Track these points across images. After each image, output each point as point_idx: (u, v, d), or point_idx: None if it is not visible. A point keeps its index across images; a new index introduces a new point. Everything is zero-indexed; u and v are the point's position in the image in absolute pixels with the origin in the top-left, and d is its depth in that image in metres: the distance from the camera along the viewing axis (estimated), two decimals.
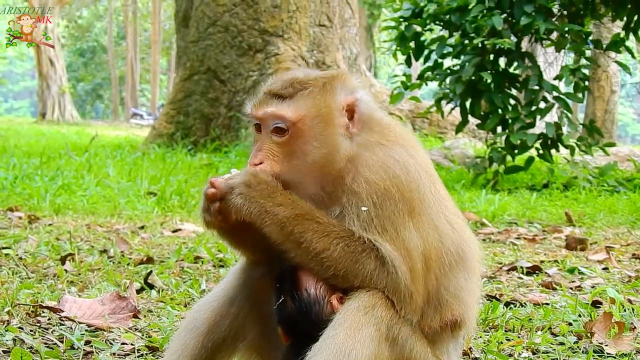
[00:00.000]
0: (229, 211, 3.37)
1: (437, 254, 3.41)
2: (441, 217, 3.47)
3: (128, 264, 7.21)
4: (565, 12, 15.44)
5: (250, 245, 3.65)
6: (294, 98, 3.50)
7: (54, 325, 4.96)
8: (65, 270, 6.70)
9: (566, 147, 15.40)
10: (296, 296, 3.40)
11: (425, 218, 3.41)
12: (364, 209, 3.34)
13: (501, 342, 4.89)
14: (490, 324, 5.37)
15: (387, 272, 3.28)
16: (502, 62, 15.69)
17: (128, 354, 4.57)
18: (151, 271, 6.52)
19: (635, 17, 15.13)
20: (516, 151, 15.26)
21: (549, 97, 15.38)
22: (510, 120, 15.26)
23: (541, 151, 15.46)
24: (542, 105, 15.37)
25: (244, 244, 3.68)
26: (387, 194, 3.35)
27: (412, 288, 3.30)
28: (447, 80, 15.73)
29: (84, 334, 4.74)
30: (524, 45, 15.80)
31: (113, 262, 7.27)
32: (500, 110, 15.20)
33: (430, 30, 16.40)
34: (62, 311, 5.12)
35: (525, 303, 5.95)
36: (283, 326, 3.47)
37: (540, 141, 15.30)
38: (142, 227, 9.67)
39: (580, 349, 4.76)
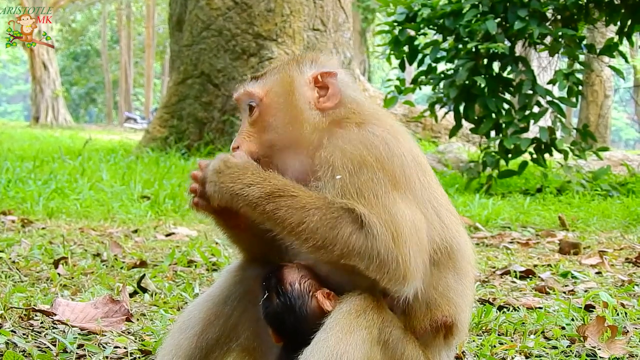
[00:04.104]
0: (208, 198, 3.40)
1: (427, 234, 3.34)
2: (428, 206, 3.41)
3: (121, 268, 7.21)
4: (559, 17, 15.46)
5: (245, 241, 3.69)
6: (263, 77, 3.64)
7: (46, 329, 4.94)
8: (58, 273, 6.69)
9: (560, 151, 15.42)
10: (281, 291, 3.41)
11: (412, 198, 3.35)
12: (338, 177, 3.31)
13: (494, 346, 4.89)
14: (484, 328, 5.36)
15: (365, 234, 3.19)
16: (495, 66, 15.71)
17: (121, 358, 4.56)
18: (144, 275, 6.51)
19: (629, 22, 15.16)
20: (510, 155, 15.28)
21: (543, 102, 15.40)
22: (503, 125, 15.28)
23: (535, 155, 15.48)
24: (535, 109, 15.40)
25: (239, 240, 3.72)
26: (364, 163, 3.32)
27: (395, 252, 3.19)
28: (441, 84, 15.74)
29: (76, 338, 4.73)
30: (518, 49, 15.83)
31: (106, 266, 7.26)
32: (493, 115, 15.22)
33: (424, 34, 16.42)
34: (55, 314, 5.11)
35: (518, 307, 5.95)
36: (269, 322, 3.48)
37: (533, 145, 15.32)
38: (135, 231, 9.65)
39: (573, 353, 4.76)
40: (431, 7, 15.48)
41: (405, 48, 16.01)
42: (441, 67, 16.38)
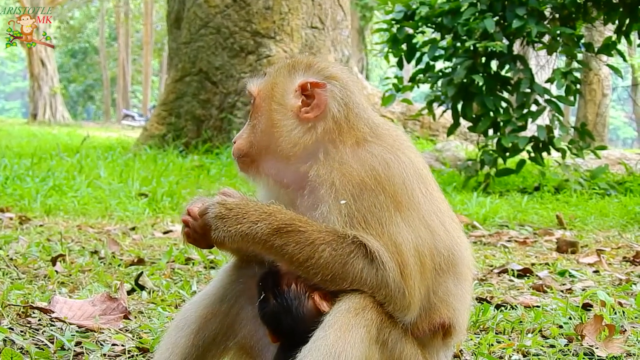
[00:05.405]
0: (216, 244, 3.37)
1: (430, 252, 3.35)
2: (433, 217, 3.41)
3: (119, 265, 7.21)
4: (557, 15, 15.45)
5: (239, 250, 3.66)
6: (264, 75, 3.64)
7: (44, 326, 4.94)
8: (56, 271, 6.69)
9: (557, 150, 15.41)
10: (277, 292, 3.41)
11: (416, 214, 3.35)
12: (342, 202, 3.30)
13: (492, 345, 4.89)
14: (481, 327, 5.36)
15: (376, 269, 3.22)
16: (494, 64, 15.70)
17: (119, 355, 4.56)
18: (142, 272, 6.51)
19: (627, 21, 15.16)
20: (507, 154, 15.28)
21: (541, 100, 15.40)
22: (501, 123, 15.27)
23: (532, 154, 15.47)
24: (533, 108, 15.38)
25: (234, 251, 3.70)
26: (364, 186, 3.30)
27: (403, 284, 3.24)
28: (439, 82, 15.72)
29: (74, 335, 4.73)
30: (516, 48, 15.83)
31: (104, 263, 7.26)
32: (491, 113, 15.21)
33: (422, 32, 16.39)
34: (53, 312, 5.10)
35: (516, 305, 5.95)
36: (266, 323, 3.48)
37: (531, 144, 15.31)
38: (133, 229, 9.65)
39: (570, 352, 4.76)
40: (429, 5, 15.47)
41: (404, 46, 15.99)
42: (439, 65, 16.36)
